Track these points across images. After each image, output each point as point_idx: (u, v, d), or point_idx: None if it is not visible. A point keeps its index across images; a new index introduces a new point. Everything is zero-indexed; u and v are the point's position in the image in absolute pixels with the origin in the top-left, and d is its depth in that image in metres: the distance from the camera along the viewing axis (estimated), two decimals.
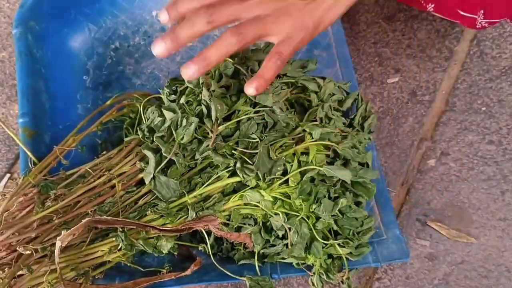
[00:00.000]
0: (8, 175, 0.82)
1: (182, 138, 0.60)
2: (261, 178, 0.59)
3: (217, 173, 0.61)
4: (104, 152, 0.68)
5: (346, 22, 0.89)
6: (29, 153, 0.67)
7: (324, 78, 0.74)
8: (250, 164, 0.60)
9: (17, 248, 0.50)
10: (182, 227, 0.57)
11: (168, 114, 0.62)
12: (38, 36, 0.78)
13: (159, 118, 0.62)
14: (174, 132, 0.61)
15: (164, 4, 0.85)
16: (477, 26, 0.66)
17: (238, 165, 0.60)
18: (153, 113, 0.64)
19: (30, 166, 0.67)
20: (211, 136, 0.61)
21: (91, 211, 0.58)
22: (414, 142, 0.84)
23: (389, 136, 0.84)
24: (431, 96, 0.86)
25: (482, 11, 0.64)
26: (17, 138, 0.68)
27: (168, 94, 0.66)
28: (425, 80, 0.87)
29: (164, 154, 0.60)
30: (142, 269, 0.65)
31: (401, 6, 0.91)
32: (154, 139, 0.61)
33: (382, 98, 0.86)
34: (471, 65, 0.87)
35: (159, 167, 0.60)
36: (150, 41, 0.85)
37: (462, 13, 0.67)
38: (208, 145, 0.60)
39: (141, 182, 0.64)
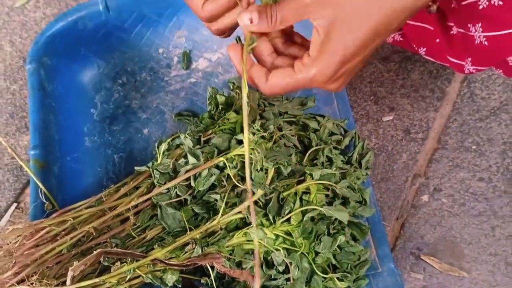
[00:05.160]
0: (15, 204, 0.85)
1: (202, 186, 0.65)
2: (272, 221, 0.62)
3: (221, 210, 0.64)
4: (111, 185, 0.71)
5: None
6: (40, 185, 0.70)
7: (323, 116, 0.78)
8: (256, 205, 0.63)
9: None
10: (188, 263, 0.59)
11: (191, 159, 0.66)
12: (50, 71, 0.81)
13: (183, 159, 0.66)
14: (193, 181, 0.65)
15: (169, 42, 0.89)
16: (466, 72, 0.69)
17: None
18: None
19: (40, 196, 0.70)
20: (225, 185, 0.65)
21: (103, 242, 0.60)
22: (408, 178, 0.87)
23: (384, 172, 0.87)
24: (424, 134, 0.90)
25: (469, 59, 0.67)
26: (29, 170, 0.71)
27: (190, 141, 0.70)
28: (419, 119, 0.91)
29: (179, 193, 0.63)
30: None
31: (396, 48, 0.95)
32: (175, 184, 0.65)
33: (377, 135, 0.90)
34: (462, 105, 0.91)
35: (170, 201, 0.64)
36: (156, 76, 0.89)
37: (450, 59, 0.69)
38: (221, 191, 0.65)
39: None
